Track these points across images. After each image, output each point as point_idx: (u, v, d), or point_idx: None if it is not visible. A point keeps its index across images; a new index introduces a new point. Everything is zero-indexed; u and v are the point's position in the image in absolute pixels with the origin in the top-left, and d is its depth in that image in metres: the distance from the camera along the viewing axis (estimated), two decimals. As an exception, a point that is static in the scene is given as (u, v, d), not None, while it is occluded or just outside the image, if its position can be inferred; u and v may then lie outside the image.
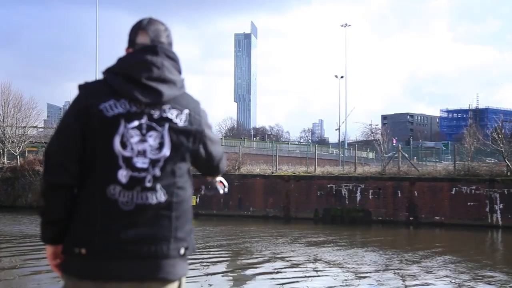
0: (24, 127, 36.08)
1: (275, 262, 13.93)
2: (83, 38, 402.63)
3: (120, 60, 2.18)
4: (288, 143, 65.36)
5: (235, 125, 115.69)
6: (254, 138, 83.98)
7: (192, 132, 2.19)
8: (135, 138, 2.09)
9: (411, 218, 24.68)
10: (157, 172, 2.11)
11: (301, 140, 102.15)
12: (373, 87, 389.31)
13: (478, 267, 13.52)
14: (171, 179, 2.15)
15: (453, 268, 13.29)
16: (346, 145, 67.39)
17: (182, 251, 2.15)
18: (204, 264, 13.20)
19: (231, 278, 12.12)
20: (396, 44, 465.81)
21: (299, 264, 13.57)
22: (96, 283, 2.07)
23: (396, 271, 12.76)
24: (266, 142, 62.06)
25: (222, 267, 13.32)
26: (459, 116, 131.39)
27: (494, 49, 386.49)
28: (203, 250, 15.63)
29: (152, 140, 2.11)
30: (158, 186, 2.11)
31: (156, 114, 2.12)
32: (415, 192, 24.95)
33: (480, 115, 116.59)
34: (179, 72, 2.24)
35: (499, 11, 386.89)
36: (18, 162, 33.00)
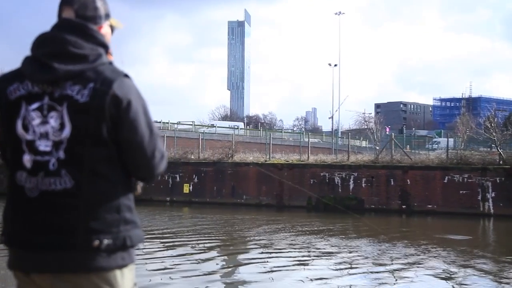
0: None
1: (267, 249, 13.97)
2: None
3: (33, 40, 2.08)
4: (282, 132, 65.31)
5: (229, 113, 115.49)
6: (248, 126, 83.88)
7: (92, 108, 1.96)
8: (36, 120, 2.00)
9: (403, 206, 24.78)
10: (61, 155, 1.98)
11: (295, 129, 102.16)
12: (366, 75, 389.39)
13: (468, 255, 13.60)
14: (80, 164, 1.98)
15: (444, 256, 13.36)
16: (340, 133, 67.46)
17: (95, 243, 1.96)
18: (196, 251, 13.24)
19: (222, 264, 12.14)
20: (387, 32, 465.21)
21: (291, 252, 13.61)
22: (22, 273, 2.04)
23: (387, 259, 12.81)
24: (260, 130, 61.98)
25: (213, 254, 13.34)
26: (452, 105, 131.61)
27: (484, 38, 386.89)
28: (197, 236, 15.66)
29: (53, 121, 1.99)
30: (63, 171, 1.98)
31: (57, 92, 1.99)
32: (408, 180, 25.04)
33: (473, 104, 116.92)
34: (99, 44, 2.06)
35: (489, 1, 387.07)
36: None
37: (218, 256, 13.36)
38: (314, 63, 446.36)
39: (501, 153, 25.36)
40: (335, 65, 70.28)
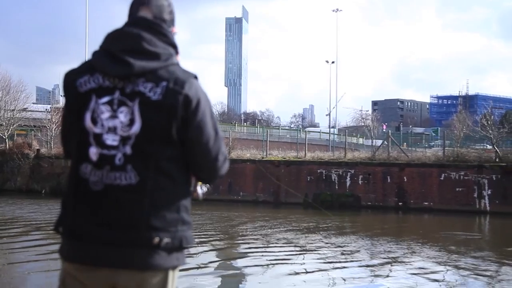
0: (13, 110, 35.80)
1: (263, 245, 13.99)
2: (73, 22, 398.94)
3: (105, 35, 2.11)
4: (279, 128, 65.37)
5: (226, 110, 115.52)
6: (245, 123, 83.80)
7: (165, 106, 1.99)
8: (105, 114, 2.01)
9: (400, 203, 24.82)
10: (128, 150, 1.98)
11: (292, 126, 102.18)
12: (363, 73, 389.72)
13: (464, 251, 13.65)
14: (146, 160, 1.99)
15: (441, 254, 13.40)
16: (337, 130, 67.47)
17: (156, 240, 1.97)
18: (192, 247, 13.22)
19: (218, 260, 12.16)
20: (385, 30, 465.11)
21: (288, 249, 13.64)
22: (75, 265, 2.02)
23: (382, 256, 12.85)
24: (257, 127, 61.98)
25: (209, 250, 13.35)
26: (449, 103, 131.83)
27: (481, 36, 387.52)
28: (193, 232, 15.64)
29: (123, 116, 1.99)
30: (129, 167, 1.98)
31: (128, 88, 2.01)
32: (404, 177, 25.08)
33: (470, 102, 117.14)
34: (170, 44, 2.12)
35: (485, 0, 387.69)
36: (7, 145, 32.81)
37: (214, 251, 13.37)
38: (311, 60, 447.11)
39: (497, 150, 25.42)
40: (333, 62, 70.24)
